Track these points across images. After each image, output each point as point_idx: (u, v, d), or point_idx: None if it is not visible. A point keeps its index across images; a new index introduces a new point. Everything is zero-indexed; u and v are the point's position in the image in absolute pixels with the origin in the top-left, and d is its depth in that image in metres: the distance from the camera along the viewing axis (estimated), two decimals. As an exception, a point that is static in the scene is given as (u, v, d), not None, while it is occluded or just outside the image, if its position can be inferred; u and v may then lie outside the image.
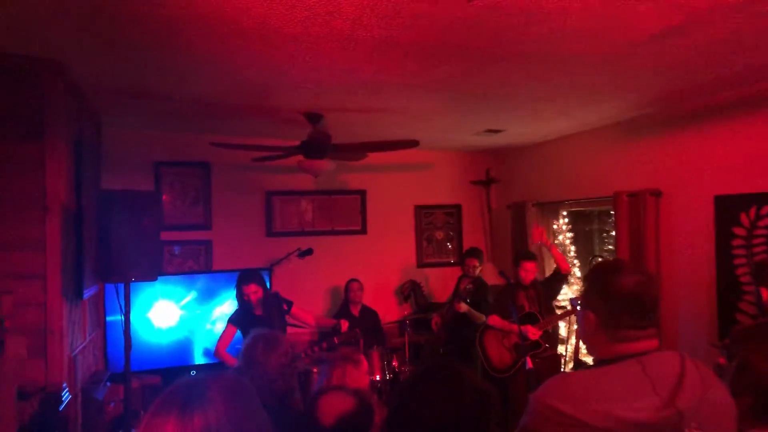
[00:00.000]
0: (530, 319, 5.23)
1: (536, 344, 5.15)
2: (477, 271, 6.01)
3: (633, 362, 1.53)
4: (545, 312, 5.29)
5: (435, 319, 6.15)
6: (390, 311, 6.92)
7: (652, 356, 1.54)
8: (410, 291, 6.86)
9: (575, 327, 5.27)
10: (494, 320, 5.43)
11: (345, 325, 4.94)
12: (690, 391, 1.45)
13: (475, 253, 6.11)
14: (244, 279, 4.76)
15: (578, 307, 2.00)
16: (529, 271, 5.35)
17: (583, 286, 1.77)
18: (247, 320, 4.61)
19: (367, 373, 2.97)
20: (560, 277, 5.47)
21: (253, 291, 4.69)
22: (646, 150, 5.15)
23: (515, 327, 4.99)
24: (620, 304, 1.60)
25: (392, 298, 7.11)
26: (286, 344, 2.74)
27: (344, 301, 6.32)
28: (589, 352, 1.71)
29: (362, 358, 2.90)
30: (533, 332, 5.13)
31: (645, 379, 1.48)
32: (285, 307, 4.78)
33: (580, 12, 2.75)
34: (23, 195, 3.54)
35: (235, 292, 4.81)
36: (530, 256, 5.46)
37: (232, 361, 4.52)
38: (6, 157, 3.51)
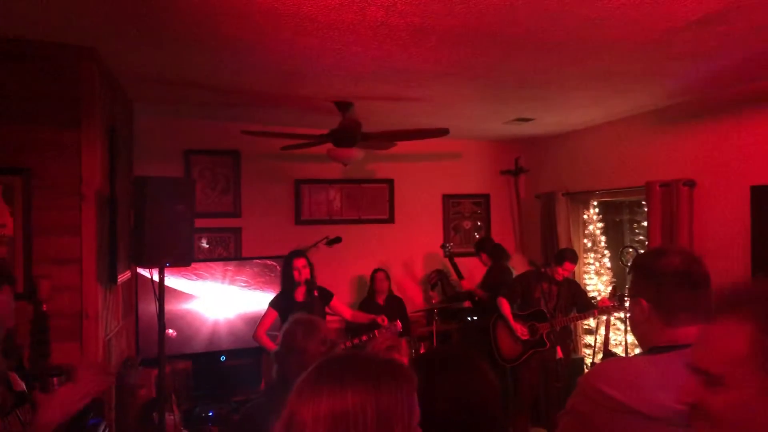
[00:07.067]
0: (537, 316, 5.34)
1: (542, 342, 5.31)
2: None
3: (686, 352, 1.49)
4: (562, 311, 5.31)
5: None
6: (417, 300, 6.93)
7: None
8: (437, 280, 6.85)
9: (604, 318, 5.24)
10: (503, 304, 5.49)
11: (386, 320, 4.93)
12: None
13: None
14: (295, 253, 4.85)
15: (626, 300, 1.97)
16: (568, 272, 5.39)
17: (629, 277, 1.73)
18: (288, 305, 4.63)
19: (408, 356, 2.99)
20: (589, 312, 5.41)
21: (303, 265, 4.74)
22: (680, 139, 5.06)
23: (511, 322, 5.40)
24: (670, 282, 1.57)
25: (419, 287, 7.12)
26: (325, 331, 2.73)
27: (369, 291, 6.32)
28: (641, 341, 1.67)
29: (404, 343, 2.91)
30: (522, 331, 5.36)
31: None
32: (316, 293, 4.79)
33: (618, -2, 2.71)
34: (60, 181, 3.61)
35: (282, 273, 4.90)
36: (577, 259, 5.50)
37: (271, 346, 4.56)
38: (45, 144, 3.58)
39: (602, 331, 5.29)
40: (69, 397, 2.07)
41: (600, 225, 6.47)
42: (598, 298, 5.71)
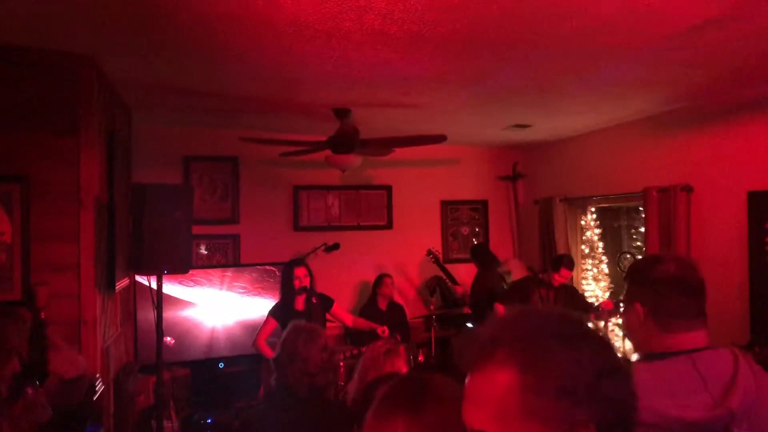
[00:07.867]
0: None
1: None
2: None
3: (684, 358, 1.48)
4: None
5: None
6: (415, 306, 6.92)
7: (704, 353, 1.50)
8: (436, 286, 6.86)
9: (601, 324, 5.25)
10: (499, 310, 5.46)
11: (386, 331, 4.92)
12: (742, 391, 1.41)
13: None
14: (295, 261, 4.86)
15: (621, 306, 1.98)
16: (565, 278, 5.39)
17: (625, 283, 1.73)
18: (288, 314, 4.60)
19: (406, 362, 2.98)
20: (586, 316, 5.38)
21: (303, 274, 4.73)
22: (677, 145, 5.08)
23: None
24: (667, 289, 1.57)
25: (417, 293, 7.11)
26: (325, 338, 2.76)
27: (372, 295, 6.33)
28: (638, 347, 1.67)
29: (402, 349, 2.91)
30: None
31: (696, 377, 1.44)
32: (314, 300, 4.78)
33: (615, 5, 2.72)
34: (59, 188, 3.61)
35: (282, 282, 4.88)
36: (573, 266, 5.49)
37: (271, 354, 4.56)
38: (43, 151, 3.59)
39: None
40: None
41: (597, 231, 6.48)
42: (596, 304, 5.71)
